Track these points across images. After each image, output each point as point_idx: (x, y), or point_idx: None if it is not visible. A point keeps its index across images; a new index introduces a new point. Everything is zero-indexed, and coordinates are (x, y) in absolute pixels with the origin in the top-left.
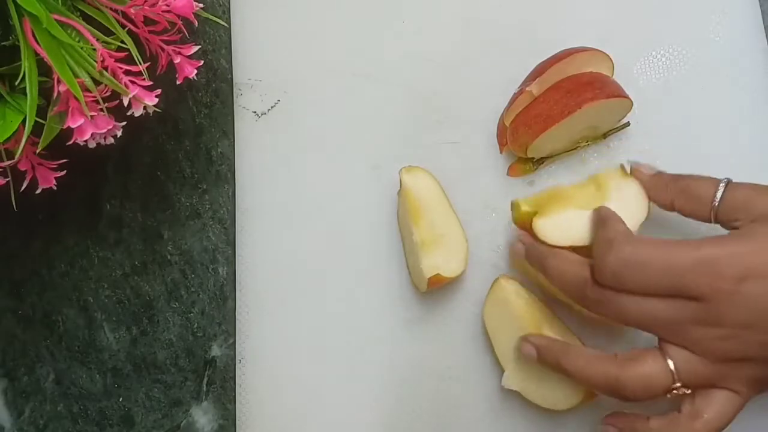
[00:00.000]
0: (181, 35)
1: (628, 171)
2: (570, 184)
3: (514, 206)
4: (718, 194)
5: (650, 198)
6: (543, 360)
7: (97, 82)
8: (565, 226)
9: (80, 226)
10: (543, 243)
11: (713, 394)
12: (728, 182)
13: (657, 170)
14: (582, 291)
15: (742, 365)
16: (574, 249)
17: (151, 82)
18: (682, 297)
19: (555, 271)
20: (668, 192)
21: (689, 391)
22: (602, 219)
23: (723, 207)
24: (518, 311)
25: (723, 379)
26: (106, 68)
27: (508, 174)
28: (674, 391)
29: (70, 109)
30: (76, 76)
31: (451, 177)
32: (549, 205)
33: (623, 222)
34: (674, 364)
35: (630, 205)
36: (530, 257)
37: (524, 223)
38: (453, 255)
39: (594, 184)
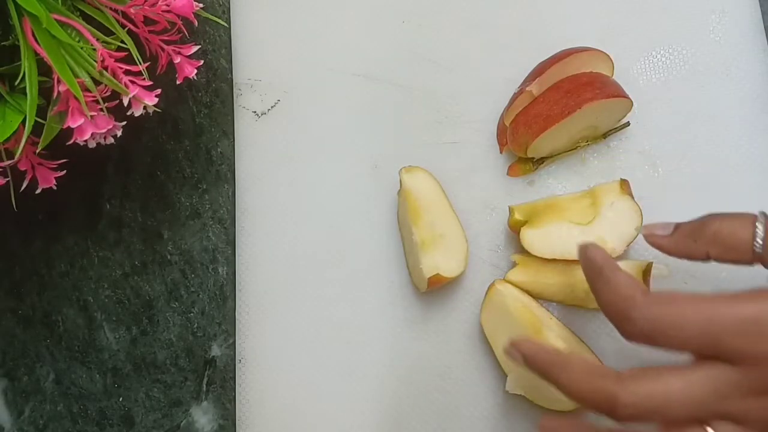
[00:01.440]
0: (181, 35)
1: (640, 234)
2: (566, 195)
3: (510, 211)
4: (758, 237)
5: (680, 257)
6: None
7: (97, 82)
8: (552, 239)
9: (80, 226)
10: (528, 253)
11: None
12: (766, 218)
13: (673, 224)
14: (611, 410)
15: None
16: (556, 262)
17: (151, 82)
18: (722, 360)
19: (572, 387)
20: (698, 245)
21: None
22: (596, 269)
23: None
24: (516, 314)
25: None
26: (106, 68)
27: (508, 174)
28: None
29: (70, 109)
30: (76, 76)
31: (451, 177)
32: (542, 215)
33: (621, 269)
34: None
35: (621, 224)
36: (533, 367)
37: (516, 230)
38: (453, 255)
39: (590, 197)
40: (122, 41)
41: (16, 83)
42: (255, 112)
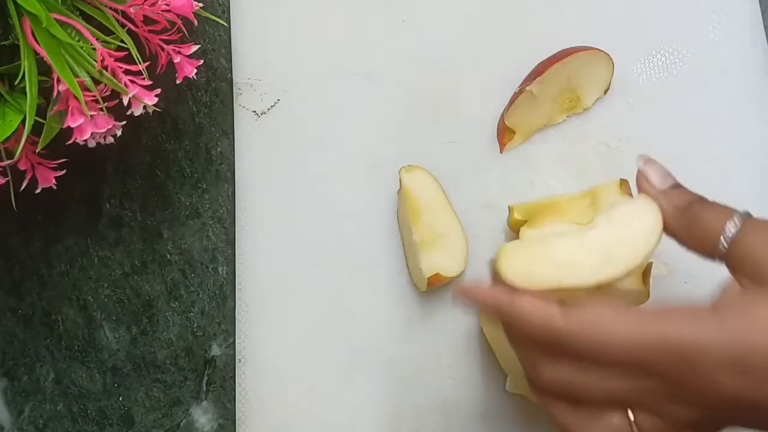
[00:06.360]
0: (180, 34)
1: (641, 165)
2: (566, 195)
3: (510, 211)
4: (726, 235)
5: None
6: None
7: (96, 82)
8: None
9: (80, 226)
10: None
11: None
12: (744, 219)
13: (671, 178)
14: (554, 329)
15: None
16: None
17: (151, 82)
18: (649, 375)
19: (522, 312)
20: (678, 219)
21: None
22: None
23: (733, 252)
24: None
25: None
26: (105, 68)
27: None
28: None
29: (69, 109)
30: (75, 75)
31: (451, 177)
32: (541, 215)
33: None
34: (639, 427)
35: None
36: (486, 308)
37: (516, 230)
38: (453, 255)
39: (590, 197)
40: (122, 41)
41: (16, 83)
42: (255, 111)
